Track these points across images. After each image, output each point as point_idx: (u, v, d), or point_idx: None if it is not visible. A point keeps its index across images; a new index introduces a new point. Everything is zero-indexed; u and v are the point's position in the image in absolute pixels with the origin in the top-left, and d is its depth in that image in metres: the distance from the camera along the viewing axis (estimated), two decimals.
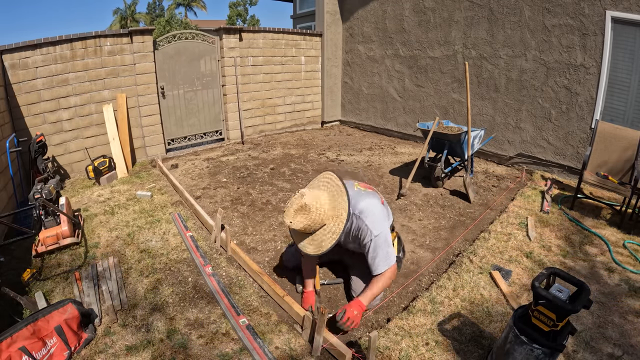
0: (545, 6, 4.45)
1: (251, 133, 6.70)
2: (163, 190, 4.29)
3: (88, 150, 4.81)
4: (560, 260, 2.85)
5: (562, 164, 4.68)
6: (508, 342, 1.71)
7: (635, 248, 3.03)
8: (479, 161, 5.45)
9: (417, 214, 3.72)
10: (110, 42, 4.82)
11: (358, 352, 1.96)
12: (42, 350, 1.87)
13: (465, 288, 2.52)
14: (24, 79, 4.25)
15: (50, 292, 2.51)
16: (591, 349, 2.00)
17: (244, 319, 2.21)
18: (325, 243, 2.06)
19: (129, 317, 2.28)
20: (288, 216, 2.04)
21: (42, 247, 2.93)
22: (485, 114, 5.35)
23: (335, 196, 2.13)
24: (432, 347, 2.03)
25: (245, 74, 6.27)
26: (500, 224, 3.41)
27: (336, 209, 2.09)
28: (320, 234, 2.08)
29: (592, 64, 4.21)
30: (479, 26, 5.15)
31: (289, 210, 2.04)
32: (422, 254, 3.02)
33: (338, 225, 2.06)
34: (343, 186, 2.15)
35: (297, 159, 5.51)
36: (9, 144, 3.80)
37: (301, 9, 10.52)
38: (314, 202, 2.03)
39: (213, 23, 25.40)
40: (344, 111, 7.76)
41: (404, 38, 6.18)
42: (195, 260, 2.85)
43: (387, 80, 6.66)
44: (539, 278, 1.66)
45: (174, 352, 2.00)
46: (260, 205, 3.92)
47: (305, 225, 2.02)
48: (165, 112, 5.61)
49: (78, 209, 3.76)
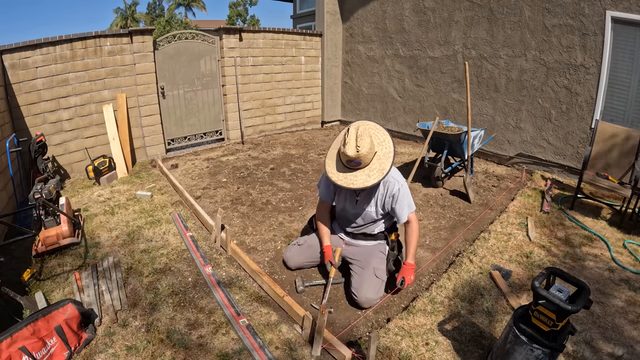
0: (545, 6, 4.45)
1: (251, 133, 6.70)
2: (163, 190, 4.29)
3: (88, 150, 4.81)
4: (560, 260, 2.85)
5: (562, 164, 4.68)
6: (508, 342, 1.71)
7: (635, 248, 3.03)
8: (479, 161, 5.45)
9: (417, 214, 3.71)
10: (110, 42, 4.82)
11: (358, 352, 1.96)
12: (42, 350, 1.87)
13: (465, 288, 2.52)
14: (24, 79, 4.25)
15: (50, 292, 2.51)
16: (591, 349, 2.00)
17: (244, 318, 2.21)
18: (385, 165, 2.18)
19: (129, 317, 2.28)
20: (351, 144, 2.10)
21: (42, 247, 2.93)
22: (485, 114, 5.35)
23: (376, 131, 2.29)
24: (432, 347, 2.04)
25: (245, 74, 6.28)
26: (500, 224, 3.41)
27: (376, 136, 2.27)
28: (376, 162, 2.20)
29: (592, 64, 4.21)
30: (479, 26, 5.15)
31: (350, 139, 2.11)
32: (422, 254, 3.02)
33: (388, 154, 2.22)
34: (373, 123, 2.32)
35: (297, 159, 5.50)
36: (9, 144, 3.80)
37: (301, 9, 10.52)
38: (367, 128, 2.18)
39: (213, 23, 25.40)
40: (344, 111, 7.76)
41: (404, 38, 6.18)
42: (196, 261, 2.85)
43: (387, 80, 6.66)
44: (539, 278, 1.66)
45: (174, 352, 2.00)
46: (260, 205, 3.92)
47: (370, 147, 2.13)
48: (165, 112, 5.61)
49: (78, 209, 3.76)
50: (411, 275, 2.38)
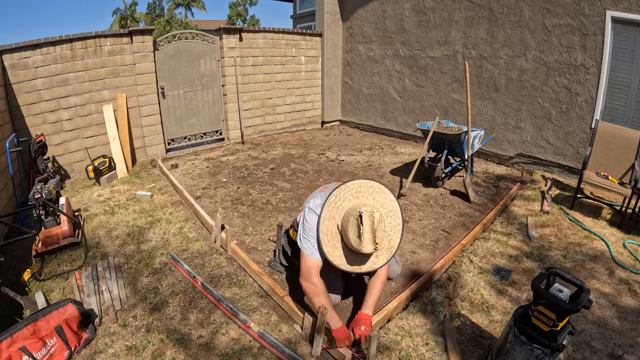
0: (545, 6, 4.45)
1: (251, 133, 6.69)
2: (163, 190, 4.29)
3: (88, 150, 4.81)
4: (560, 261, 2.85)
5: (562, 164, 4.68)
6: (508, 342, 1.71)
7: (635, 248, 3.03)
8: (479, 161, 5.45)
9: (417, 214, 3.72)
10: (110, 42, 4.82)
11: (358, 352, 1.96)
12: (42, 350, 1.87)
13: (465, 288, 2.52)
14: (24, 79, 4.25)
15: (50, 292, 2.51)
16: (591, 349, 2.00)
17: (245, 317, 2.21)
18: (394, 240, 1.96)
19: (129, 317, 2.28)
20: (368, 238, 1.80)
21: (42, 247, 2.93)
22: (485, 114, 5.35)
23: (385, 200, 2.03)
24: (432, 347, 2.04)
25: (245, 74, 6.27)
26: (500, 224, 3.41)
27: (384, 206, 2.01)
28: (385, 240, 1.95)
29: (592, 64, 4.21)
30: (479, 26, 5.15)
31: (366, 232, 1.80)
32: (422, 254, 3.02)
33: (396, 227, 2.00)
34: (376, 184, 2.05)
35: (297, 159, 5.50)
36: (9, 144, 3.80)
37: (301, 9, 10.52)
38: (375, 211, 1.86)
39: (213, 23, 25.39)
40: (344, 111, 7.76)
41: (404, 38, 6.18)
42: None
43: (387, 80, 6.66)
44: (539, 278, 1.66)
45: (174, 352, 2.00)
46: (260, 205, 3.92)
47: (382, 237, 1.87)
48: (165, 112, 5.61)
49: (78, 209, 3.76)
50: (364, 326, 1.96)
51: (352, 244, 1.88)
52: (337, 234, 1.98)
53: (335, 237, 1.98)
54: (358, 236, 1.84)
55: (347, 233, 1.88)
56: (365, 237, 1.81)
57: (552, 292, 1.59)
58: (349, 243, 1.90)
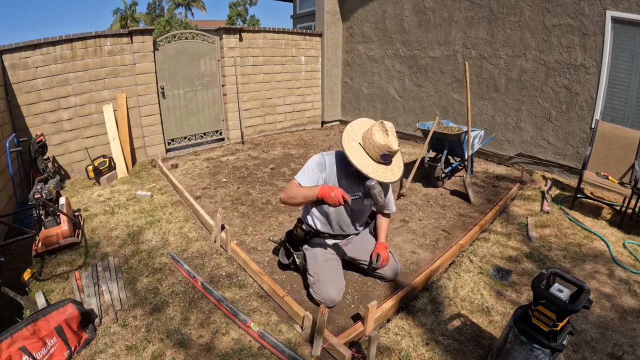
0: (545, 6, 4.45)
1: (251, 133, 6.70)
2: (163, 190, 4.29)
3: (88, 150, 4.81)
4: (560, 261, 2.85)
5: (562, 164, 4.68)
6: (508, 342, 1.71)
7: (635, 248, 3.03)
8: (479, 161, 5.45)
9: (417, 214, 3.72)
10: (110, 42, 4.82)
11: (358, 352, 1.96)
12: (42, 350, 1.87)
13: (465, 288, 2.52)
14: (24, 79, 4.25)
15: (50, 292, 2.51)
16: (591, 349, 2.00)
17: (245, 317, 2.21)
18: (401, 162, 2.31)
19: (129, 317, 2.28)
20: (392, 137, 2.10)
21: (42, 247, 2.93)
22: (485, 114, 5.35)
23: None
24: (432, 347, 2.04)
25: (245, 74, 6.27)
26: (500, 224, 3.41)
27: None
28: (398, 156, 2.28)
29: (592, 64, 4.21)
30: (479, 26, 5.15)
31: (390, 132, 2.10)
32: (422, 254, 3.02)
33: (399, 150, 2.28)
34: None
35: (297, 159, 5.50)
36: (9, 144, 3.80)
37: (301, 9, 10.53)
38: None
39: (213, 23, 25.39)
40: (344, 111, 7.76)
41: (404, 38, 6.18)
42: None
43: (387, 80, 6.66)
44: (539, 278, 1.66)
45: (174, 352, 2.00)
46: (260, 205, 3.92)
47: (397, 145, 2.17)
48: (165, 112, 5.61)
49: (78, 209, 3.76)
50: (385, 251, 2.44)
51: (380, 145, 2.11)
52: (360, 148, 2.21)
53: (359, 151, 2.20)
54: (385, 136, 2.10)
55: (374, 137, 2.13)
56: (390, 137, 2.10)
57: (552, 292, 1.59)
58: (376, 146, 2.13)
